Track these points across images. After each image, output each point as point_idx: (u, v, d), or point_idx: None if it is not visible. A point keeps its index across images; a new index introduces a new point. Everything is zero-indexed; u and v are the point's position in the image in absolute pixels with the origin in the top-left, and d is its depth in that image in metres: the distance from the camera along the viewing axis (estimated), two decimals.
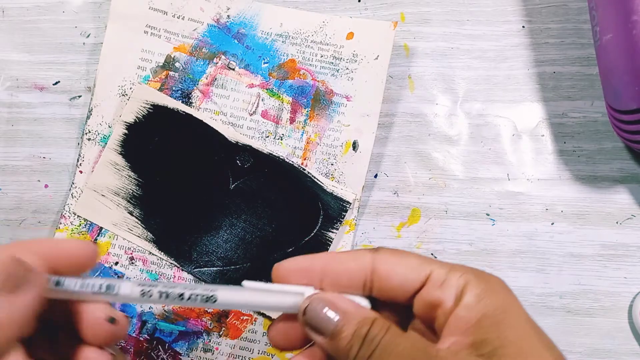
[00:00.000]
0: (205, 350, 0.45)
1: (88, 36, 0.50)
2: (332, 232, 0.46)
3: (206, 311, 0.45)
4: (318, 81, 0.48)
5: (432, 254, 0.47)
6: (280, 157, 0.46)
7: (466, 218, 0.47)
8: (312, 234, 0.46)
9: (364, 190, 0.47)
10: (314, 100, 0.48)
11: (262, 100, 0.48)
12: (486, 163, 0.48)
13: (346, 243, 0.46)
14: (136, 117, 0.47)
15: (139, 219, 0.46)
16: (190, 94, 0.48)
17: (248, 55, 0.48)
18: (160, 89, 0.47)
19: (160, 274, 0.46)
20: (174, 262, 0.46)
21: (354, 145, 0.47)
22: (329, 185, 0.46)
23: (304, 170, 0.46)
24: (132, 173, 0.47)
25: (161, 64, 0.48)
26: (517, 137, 0.48)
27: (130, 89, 0.48)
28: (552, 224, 0.47)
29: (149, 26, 0.48)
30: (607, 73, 0.43)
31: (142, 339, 0.45)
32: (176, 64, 0.48)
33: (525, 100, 0.48)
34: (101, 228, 0.46)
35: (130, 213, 0.46)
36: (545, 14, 0.49)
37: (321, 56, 0.48)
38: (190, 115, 0.47)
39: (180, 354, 0.45)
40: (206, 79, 0.48)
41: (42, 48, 0.50)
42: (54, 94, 0.49)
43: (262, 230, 0.46)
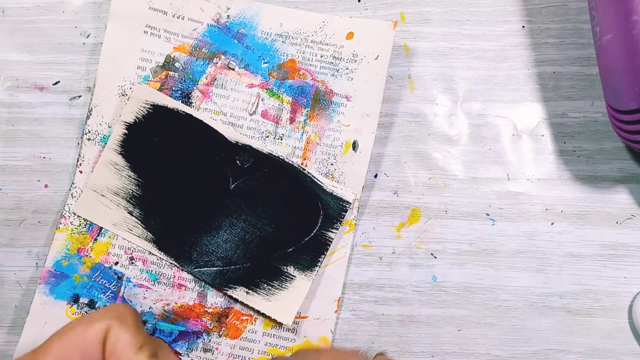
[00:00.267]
0: (205, 350, 0.45)
1: (88, 36, 0.50)
2: (332, 232, 0.46)
3: (206, 311, 0.45)
4: (318, 81, 0.48)
5: (432, 254, 0.47)
6: (280, 157, 0.46)
7: (466, 218, 0.47)
8: (312, 234, 0.46)
9: (363, 190, 0.47)
10: (313, 100, 0.48)
11: (262, 100, 0.48)
12: (486, 163, 0.48)
13: (346, 243, 0.46)
14: (136, 117, 0.47)
15: (139, 219, 0.46)
16: (190, 94, 0.48)
17: (248, 55, 0.48)
18: (160, 89, 0.47)
19: (160, 274, 0.46)
20: (174, 262, 0.46)
21: (354, 145, 0.47)
22: (328, 185, 0.46)
23: (304, 170, 0.46)
24: (132, 173, 0.47)
25: (161, 64, 0.48)
26: (517, 137, 0.48)
27: (130, 89, 0.48)
28: (552, 224, 0.47)
29: (149, 26, 0.48)
30: (607, 73, 0.42)
31: None
32: (176, 64, 0.48)
33: (525, 100, 0.48)
34: (101, 228, 0.46)
35: (130, 213, 0.46)
36: (545, 14, 0.49)
37: (321, 56, 0.48)
38: (190, 115, 0.47)
39: (180, 354, 0.45)
40: (206, 79, 0.48)
41: (42, 48, 0.50)
42: (54, 94, 0.49)
43: (262, 230, 0.46)
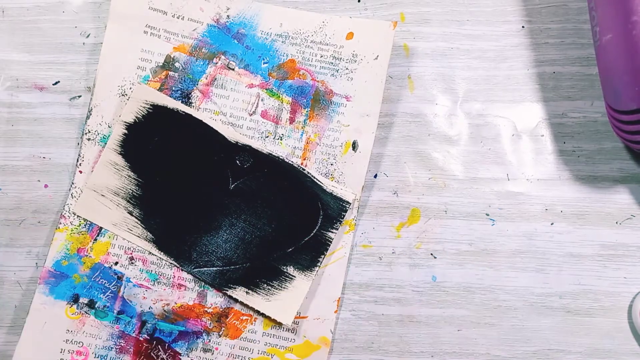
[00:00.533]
0: (205, 350, 0.45)
1: (88, 36, 0.50)
2: (332, 232, 0.46)
3: (206, 311, 0.46)
4: (318, 81, 0.48)
5: (432, 254, 0.47)
6: (280, 157, 0.46)
7: (466, 218, 0.47)
8: (312, 234, 0.46)
9: (363, 190, 0.47)
10: (313, 100, 0.48)
11: (262, 100, 0.48)
12: (486, 163, 0.48)
13: (346, 243, 0.46)
14: (136, 117, 0.47)
15: (138, 219, 0.46)
16: (190, 94, 0.48)
17: (248, 55, 0.48)
18: (160, 89, 0.47)
19: (160, 274, 0.46)
20: (173, 262, 0.46)
21: (354, 146, 0.47)
22: (328, 185, 0.46)
23: (304, 170, 0.46)
24: (132, 173, 0.47)
25: (161, 64, 0.48)
26: (517, 137, 0.48)
27: (130, 89, 0.48)
28: (552, 224, 0.47)
29: (149, 26, 0.48)
30: (607, 73, 0.42)
31: (142, 339, 0.45)
32: (176, 64, 0.48)
33: (525, 100, 0.48)
34: (101, 228, 0.46)
35: (130, 213, 0.46)
36: (545, 14, 0.49)
37: (321, 56, 0.48)
38: (190, 115, 0.47)
39: (180, 354, 0.45)
40: (206, 79, 0.48)
41: (42, 48, 0.50)
42: (54, 94, 0.49)
43: (262, 230, 0.46)
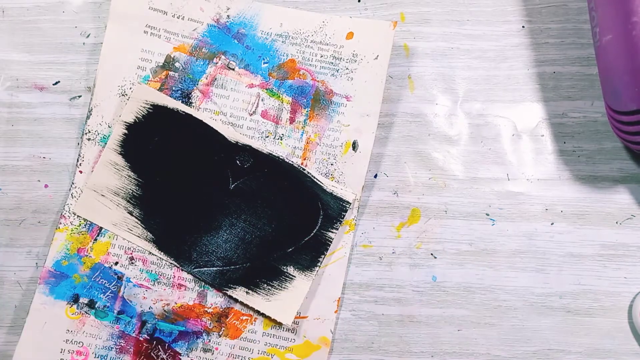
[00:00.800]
0: (205, 350, 0.45)
1: (88, 36, 0.50)
2: (332, 232, 0.46)
3: (206, 311, 0.46)
4: (318, 81, 0.48)
5: (432, 254, 0.47)
6: (280, 157, 0.46)
7: (466, 218, 0.47)
8: (312, 234, 0.46)
9: (363, 190, 0.47)
10: (313, 100, 0.48)
11: (262, 100, 0.48)
12: (486, 163, 0.48)
13: (346, 243, 0.46)
14: (136, 117, 0.47)
15: (138, 219, 0.46)
16: (190, 94, 0.48)
17: (248, 55, 0.48)
18: (160, 89, 0.47)
19: (160, 274, 0.46)
20: (173, 262, 0.46)
21: (354, 145, 0.47)
22: (328, 185, 0.46)
23: (304, 170, 0.46)
24: (132, 173, 0.47)
25: (161, 64, 0.48)
26: (517, 137, 0.48)
27: (130, 89, 0.48)
28: (552, 224, 0.47)
29: (149, 26, 0.48)
30: (607, 74, 0.42)
31: (142, 339, 0.45)
32: (176, 64, 0.48)
33: (525, 100, 0.48)
34: (101, 228, 0.46)
35: (130, 213, 0.46)
36: (545, 14, 0.49)
37: (321, 56, 0.48)
38: (190, 115, 0.47)
39: (180, 354, 0.45)
40: (206, 79, 0.48)
41: (42, 48, 0.50)
42: (54, 94, 0.49)
43: (262, 230, 0.46)
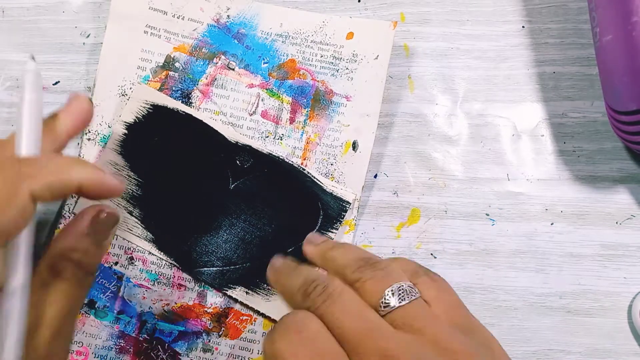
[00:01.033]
0: (204, 350, 0.45)
1: (88, 36, 0.50)
2: (332, 232, 0.46)
3: (206, 311, 0.46)
4: (318, 81, 0.48)
5: (432, 254, 0.47)
6: (280, 157, 0.46)
7: (466, 218, 0.47)
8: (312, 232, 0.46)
9: (363, 190, 0.47)
10: (313, 100, 0.48)
11: (262, 100, 0.48)
12: (486, 163, 0.48)
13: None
14: (136, 117, 0.47)
15: (138, 219, 0.46)
16: (190, 94, 0.48)
17: (248, 55, 0.48)
18: (160, 89, 0.47)
19: (159, 274, 0.46)
20: (173, 262, 0.46)
21: (354, 146, 0.47)
22: (328, 185, 0.46)
23: (304, 170, 0.46)
24: (132, 173, 0.46)
25: (161, 64, 0.48)
26: (517, 137, 0.48)
27: (130, 89, 0.48)
28: (552, 224, 0.47)
29: (149, 26, 0.48)
30: (607, 74, 0.42)
31: (142, 339, 0.45)
32: (176, 64, 0.48)
33: (525, 100, 0.48)
34: None
35: (130, 213, 0.46)
36: (545, 14, 0.49)
37: (321, 56, 0.48)
38: (190, 115, 0.47)
39: (179, 354, 0.45)
40: (206, 79, 0.48)
41: (42, 48, 0.50)
42: (54, 94, 0.49)
43: (262, 230, 0.46)
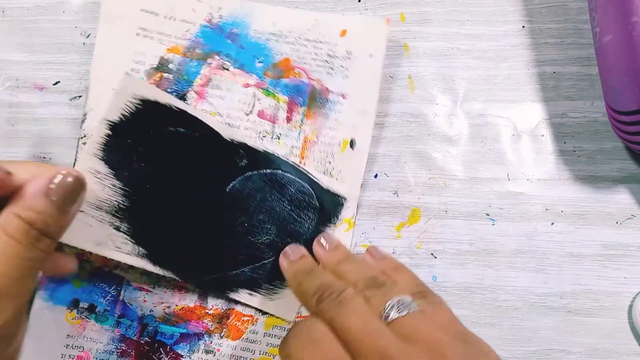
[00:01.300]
0: (206, 352, 0.45)
1: (88, 36, 0.50)
2: (329, 228, 0.46)
3: (207, 313, 0.46)
4: (313, 79, 0.48)
5: (432, 254, 0.47)
6: (276, 154, 0.46)
7: (466, 218, 0.47)
8: (310, 232, 0.46)
9: (364, 190, 0.47)
10: (310, 98, 0.48)
11: (258, 100, 0.48)
12: (486, 163, 0.48)
13: (346, 242, 0.46)
14: (122, 115, 0.42)
15: (127, 234, 0.42)
16: (185, 95, 0.47)
17: (242, 55, 0.48)
18: None
19: (160, 276, 0.45)
20: (172, 276, 0.43)
21: (352, 143, 0.47)
22: (324, 181, 0.46)
23: (299, 167, 0.46)
24: (117, 182, 0.41)
25: (155, 66, 0.48)
26: (517, 137, 0.48)
27: None
28: (552, 224, 0.47)
29: (141, 28, 0.48)
30: (607, 74, 0.42)
31: (143, 342, 0.45)
32: (170, 66, 0.48)
33: (525, 100, 0.48)
34: None
35: (117, 228, 0.42)
36: (545, 14, 0.49)
37: (315, 54, 0.48)
38: (185, 112, 0.43)
39: (181, 356, 0.45)
40: (201, 79, 0.48)
41: (42, 48, 0.50)
42: (54, 94, 0.49)
43: (261, 230, 0.45)
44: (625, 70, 0.39)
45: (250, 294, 0.45)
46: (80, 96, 0.49)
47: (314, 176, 0.46)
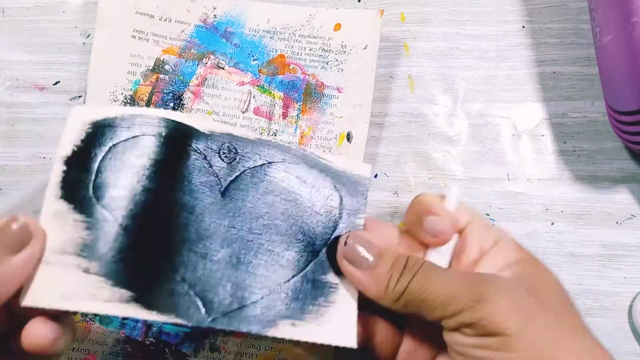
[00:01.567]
0: (212, 350, 0.45)
1: (88, 36, 0.50)
2: (359, 219, 0.37)
3: None
4: (308, 74, 0.48)
5: None
6: (272, 140, 0.38)
7: None
8: (338, 226, 0.37)
9: None
10: (305, 94, 0.48)
11: (254, 97, 0.48)
12: (486, 163, 0.48)
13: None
14: (74, 147, 0.34)
15: (100, 274, 0.31)
16: (181, 95, 0.47)
17: (237, 53, 0.48)
18: (151, 93, 0.47)
19: None
20: (177, 321, 0.32)
21: (348, 137, 0.47)
22: (339, 163, 0.38)
23: (305, 150, 0.38)
24: (78, 215, 0.33)
25: (151, 68, 0.48)
26: (517, 137, 0.48)
27: (121, 94, 0.47)
28: (552, 224, 0.47)
29: (137, 30, 0.48)
30: (607, 74, 0.42)
31: (148, 343, 0.45)
32: (166, 67, 0.48)
33: (525, 100, 0.48)
34: None
35: (86, 271, 0.31)
36: (545, 14, 0.49)
37: (310, 49, 0.48)
38: (141, 115, 0.35)
39: (187, 355, 0.45)
40: (196, 79, 0.48)
41: (42, 48, 0.50)
42: (54, 94, 0.49)
43: (278, 238, 0.36)
44: (625, 70, 0.39)
45: (292, 324, 0.34)
46: (80, 96, 0.49)
47: (324, 158, 0.38)
